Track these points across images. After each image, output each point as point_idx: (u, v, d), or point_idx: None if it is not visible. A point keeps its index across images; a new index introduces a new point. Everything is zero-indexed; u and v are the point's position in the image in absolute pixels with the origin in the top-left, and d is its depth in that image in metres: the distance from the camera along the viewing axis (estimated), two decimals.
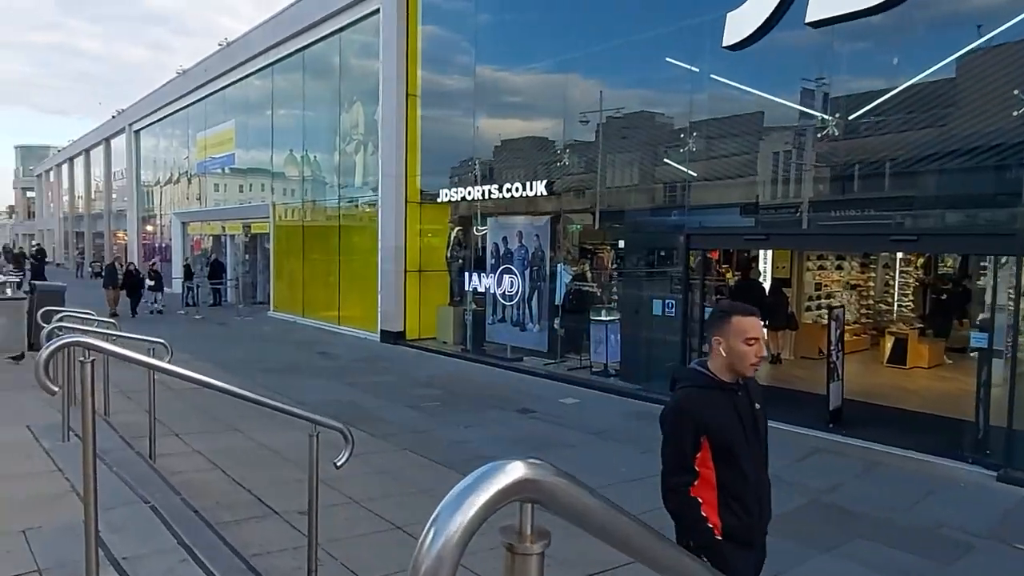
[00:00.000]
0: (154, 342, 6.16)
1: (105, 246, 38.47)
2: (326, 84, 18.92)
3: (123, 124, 32.78)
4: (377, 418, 8.92)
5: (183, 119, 27.23)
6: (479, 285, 13.25)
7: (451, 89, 14.85)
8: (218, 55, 22.92)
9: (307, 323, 18.27)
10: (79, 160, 42.95)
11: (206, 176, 25.62)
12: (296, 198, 19.88)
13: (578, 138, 12.17)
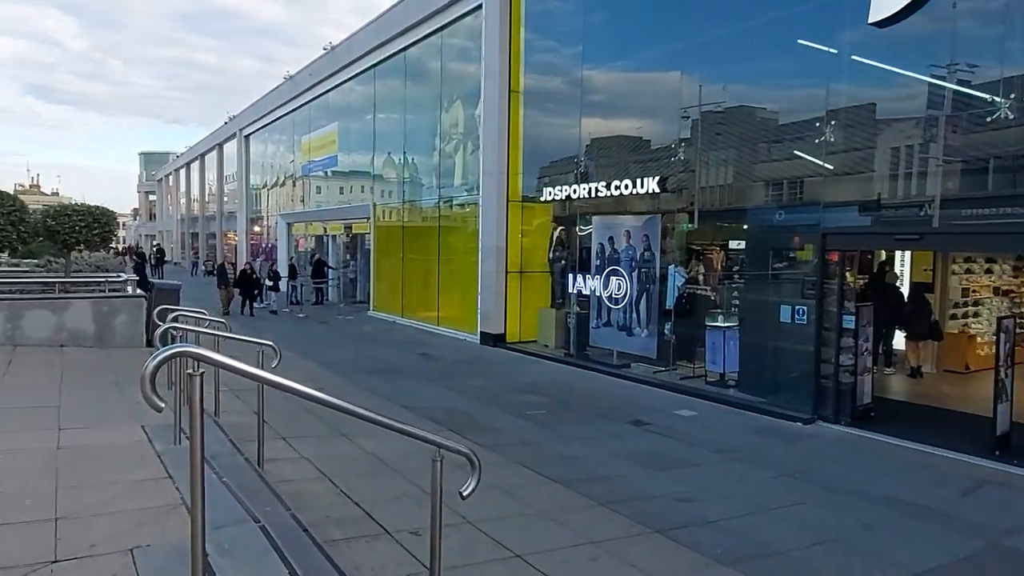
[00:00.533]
0: (262, 344, 5.95)
1: (217, 246, 40.47)
2: (426, 84, 18.88)
3: (234, 129, 34.31)
4: (483, 426, 8.52)
5: (289, 123, 28.11)
6: (583, 287, 12.67)
7: (554, 85, 14.37)
8: (323, 59, 23.43)
9: (406, 323, 18.25)
10: (195, 165, 45.46)
11: (309, 178, 26.32)
12: (396, 199, 19.97)
13: (689, 133, 11.38)
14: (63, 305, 11.56)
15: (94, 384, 8.87)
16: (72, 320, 11.58)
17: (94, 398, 7.91)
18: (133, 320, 12.08)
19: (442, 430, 8.08)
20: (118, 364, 10.53)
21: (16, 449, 5.43)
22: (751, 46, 10.52)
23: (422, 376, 11.92)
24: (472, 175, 16.78)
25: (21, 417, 6.65)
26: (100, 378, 9.38)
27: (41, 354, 10.74)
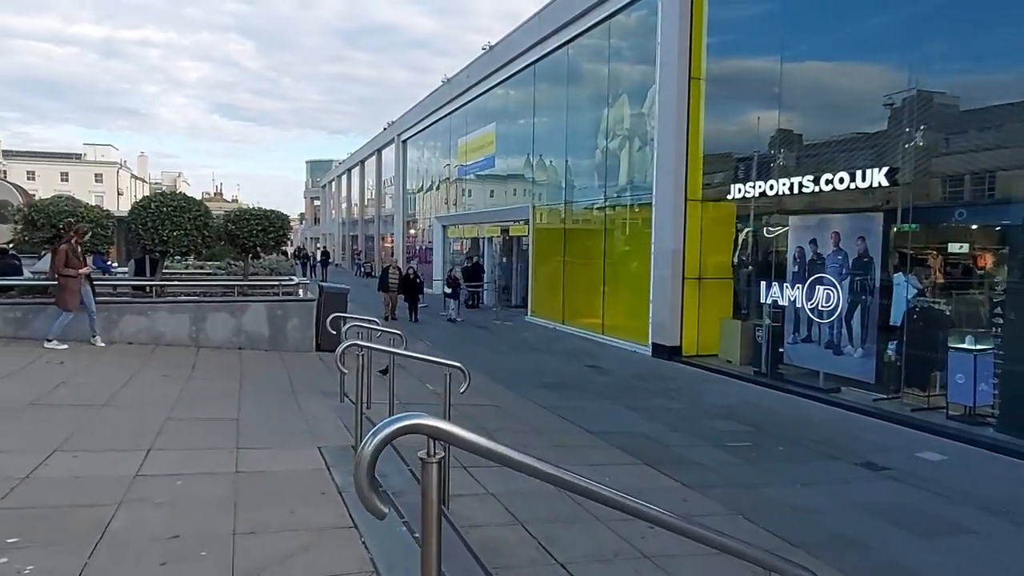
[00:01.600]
0: (451, 366, 5.16)
1: (375, 249, 41.97)
2: (589, 79, 17.90)
3: (392, 135, 35.28)
4: (683, 460, 7.33)
5: (445, 126, 28.26)
6: (780, 296, 11.07)
7: (745, 67, 12.82)
8: (481, 60, 23.16)
9: (568, 330, 17.35)
10: (355, 171, 47.59)
11: (465, 180, 26.22)
12: (556, 199, 19.12)
13: (918, 116, 9.49)
14: (241, 308, 11.70)
15: (270, 392, 8.63)
16: (249, 323, 11.70)
17: (271, 410, 7.58)
18: (304, 324, 12.04)
19: (637, 463, 7.00)
20: (292, 370, 10.40)
21: (197, 474, 4.99)
22: None
23: (597, 392, 10.89)
24: (639, 173, 15.58)
25: (204, 431, 6.34)
26: (275, 385, 9.18)
27: (221, 357, 10.86)
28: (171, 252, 11.55)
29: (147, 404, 7.37)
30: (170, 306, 11.38)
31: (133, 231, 11.55)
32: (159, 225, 11.37)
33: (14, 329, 10.50)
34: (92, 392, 7.68)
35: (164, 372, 9.27)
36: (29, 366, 8.80)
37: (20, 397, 7.09)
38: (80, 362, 9.32)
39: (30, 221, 10.86)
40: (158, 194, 11.77)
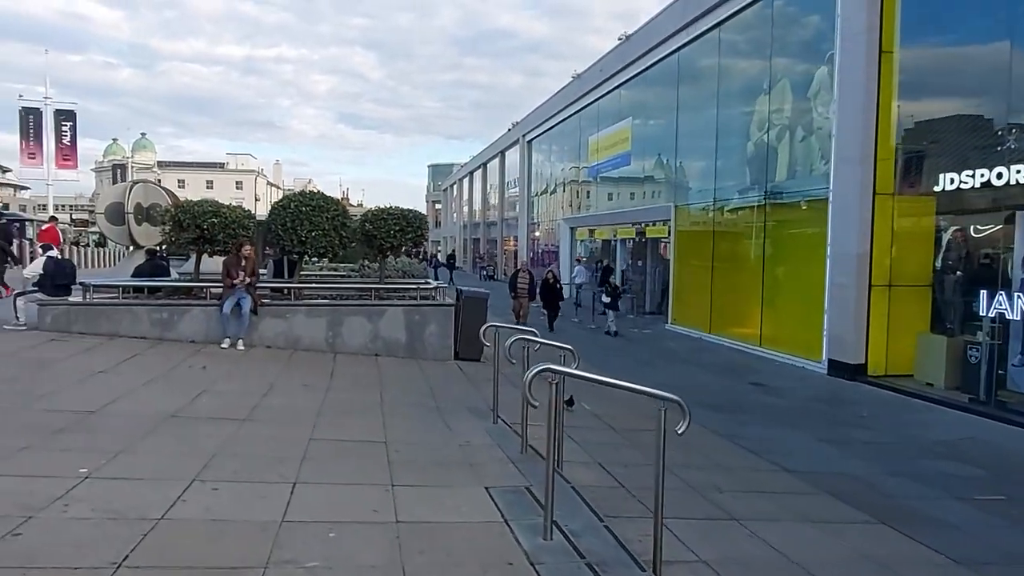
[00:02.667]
0: (664, 398, 3.98)
1: (497, 251, 41.61)
2: (742, 64, 16.23)
3: (517, 136, 34.65)
4: (924, 517, 5.77)
5: (575, 124, 27.18)
6: (1008, 309, 9.08)
7: (960, 38, 10.79)
8: (616, 51, 21.91)
9: (716, 341, 15.74)
10: (477, 173, 47.57)
11: (597, 179, 25.00)
12: (703, 198, 17.50)
13: None
14: (379, 312, 11.10)
15: (414, 409, 7.82)
16: (386, 328, 11.08)
17: (419, 432, 6.74)
18: (442, 331, 11.28)
19: (870, 521, 5.53)
20: (433, 381, 9.62)
21: (352, 522, 4.12)
22: None
23: (773, 417, 9.38)
24: (802, 166, 13.81)
25: (352, 459, 5.53)
26: (418, 400, 8.38)
27: (359, 364, 10.26)
28: (309, 253, 11.13)
29: (289, 419, 6.73)
30: (308, 309, 10.94)
31: (273, 232, 11.23)
32: (297, 225, 10.98)
33: (160, 331, 10.39)
34: (233, 403, 7.15)
35: (304, 381, 8.71)
36: (173, 371, 8.48)
37: (162, 406, 6.62)
38: (221, 367, 8.95)
39: (177, 222, 10.75)
40: (297, 194, 11.43)
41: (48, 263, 10.23)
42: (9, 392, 6.66)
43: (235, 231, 10.88)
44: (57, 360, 8.36)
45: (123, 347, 9.58)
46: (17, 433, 5.41)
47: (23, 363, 8.02)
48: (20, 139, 32.03)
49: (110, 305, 10.38)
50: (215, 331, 10.46)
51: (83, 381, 7.47)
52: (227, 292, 10.24)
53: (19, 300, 10.11)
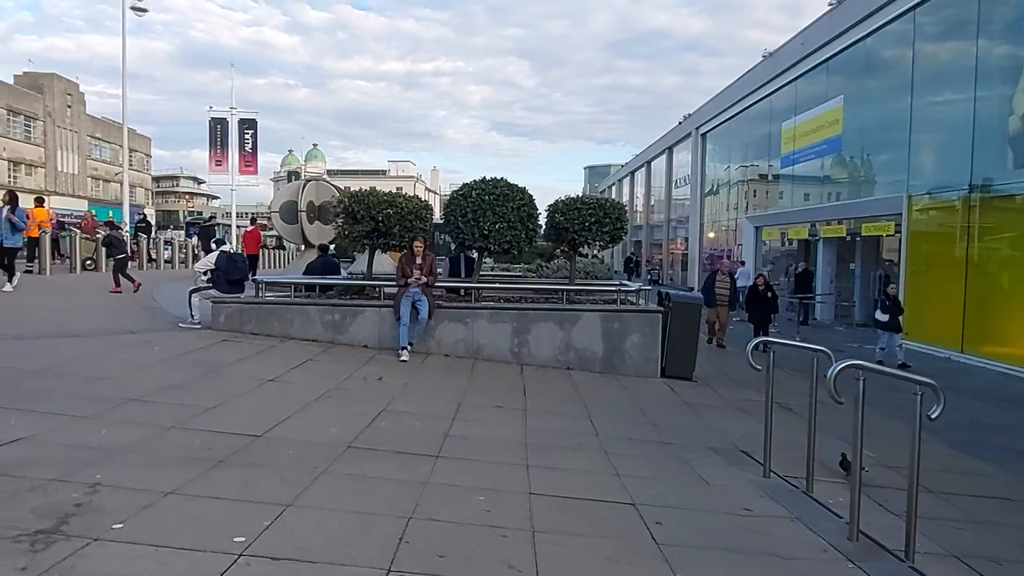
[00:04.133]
0: None
1: (663, 254, 39.04)
2: (1007, 10, 12.92)
3: (689, 129, 32.00)
4: None
5: (763, 110, 24.21)
6: None
7: None
8: (824, 20, 18.90)
9: (974, 362, 12.57)
10: (639, 173, 45.15)
11: (792, 171, 21.95)
12: (951, 186, 14.20)
13: None
14: (571, 318, 9.42)
15: (642, 445, 6.01)
16: (580, 337, 9.37)
17: (666, 482, 4.91)
18: (647, 343, 9.39)
19: None
20: (645, 406, 7.76)
21: None
22: None
23: None
24: None
25: (598, 532, 3.79)
26: (640, 431, 6.56)
27: (551, 380, 8.63)
28: (492, 248, 9.67)
29: (490, 456, 5.14)
30: (491, 313, 9.48)
31: (451, 224, 9.89)
32: (480, 216, 9.54)
33: (332, 333, 9.35)
34: (418, 429, 5.71)
35: (494, 400, 7.17)
36: (346, 382, 7.25)
37: (337, 431, 5.28)
38: (398, 380, 7.62)
39: (350, 213, 9.69)
40: (479, 181, 10.03)
41: (221, 258, 9.52)
42: (172, 404, 5.61)
43: (412, 223, 9.65)
44: (226, 364, 7.40)
45: (295, 351, 8.59)
46: (169, 464, 4.21)
47: (192, 366, 7.11)
48: (209, 147, 34.37)
49: (282, 304, 9.49)
50: (389, 335, 9.27)
51: (251, 392, 6.36)
52: (401, 293, 9.02)
53: (194, 297, 9.47)
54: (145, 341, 8.18)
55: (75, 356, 6.98)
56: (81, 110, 51.57)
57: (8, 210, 11.46)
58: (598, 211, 9.76)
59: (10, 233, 11.49)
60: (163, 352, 7.66)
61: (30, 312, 9.91)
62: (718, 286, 14.20)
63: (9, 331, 8.05)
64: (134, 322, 9.52)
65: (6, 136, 43.94)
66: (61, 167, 48.62)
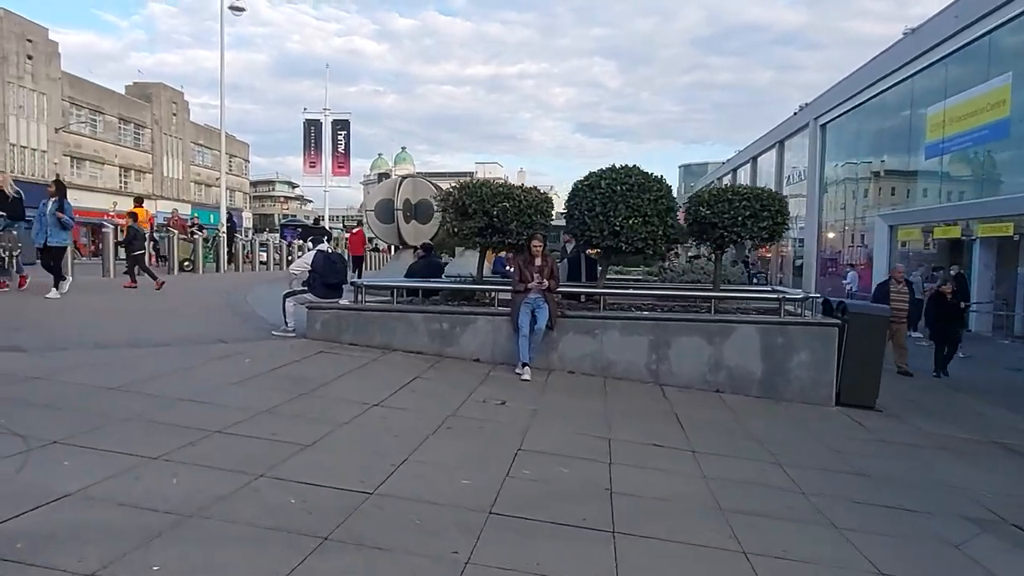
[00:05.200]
0: None
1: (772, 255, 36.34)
2: None
3: (806, 120, 29.37)
4: None
5: (901, 95, 21.58)
6: None
7: None
8: None
9: None
10: (743, 170, 42.44)
11: (941, 161, 19.32)
12: None
13: None
14: (722, 331, 7.84)
15: (877, 514, 4.41)
16: (733, 353, 7.78)
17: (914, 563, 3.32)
18: (818, 362, 7.69)
19: None
20: (837, 445, 6.11)
21: None
22: None
23: None
24: None
25: None
26: (858, 489, 4.93)
27: (704, 407, 7.09)
28: (623, 247, 8.20)
29: (683, 530, 3.71)
30: (623, 324, 8.02)
31: (575, 219, 8.49)
32: (611, 210, 8.11)
33: (439, 345, 8.15)
34: (570, 480, 4.37)
35: (648, 434, 5.72)
36: (464, 407, 5.97)
37: (469, 487, 3.98)
38: (524, 405, 6.29)
39: (460, 207, 8.46)
40: (607, 170, 8.60)
41: (318, 258, 8.49)
42: (262, 438, 4.47)
43: (531, 218, 8.33)
44: (324, 382, 6.28)
45: (399, 366, 7.42)
46: (254, 542, 3.01)
47: (286, 385, 6.02)
48: (303, 150, 34.47)
49: (383, 311, 8.36)
50: (504, 348, 8.00)
51: (355, 421, 5.16)
52: (518, 299, 7.71)
53: (288, 302, 8.47)
54: (235, 352, 7.20)
55: (156, 370, 6.01)
56: (185, 117, 53.48)
57: (55, 204, 9.98)
58: (754, 203, 8.13)
59: (58, 230, 10.01)
60: (254, 366, 6.62)
61: (119, 316, 9.21)
62: (894, 297, 11.13)
63: (91, 338, 7.24)
64: (225, 329, 8.63)
65: (118, 143, 45.90)
66: (167, 172, 50.52)
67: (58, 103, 39.84)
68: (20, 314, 8.60)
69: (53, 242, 10.00)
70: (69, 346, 6.77)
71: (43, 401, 4.80)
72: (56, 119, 39.58)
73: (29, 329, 7.59)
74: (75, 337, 7.23)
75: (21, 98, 36.95)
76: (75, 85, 41.84)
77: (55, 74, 39.61)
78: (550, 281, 7.78)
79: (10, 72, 36.03)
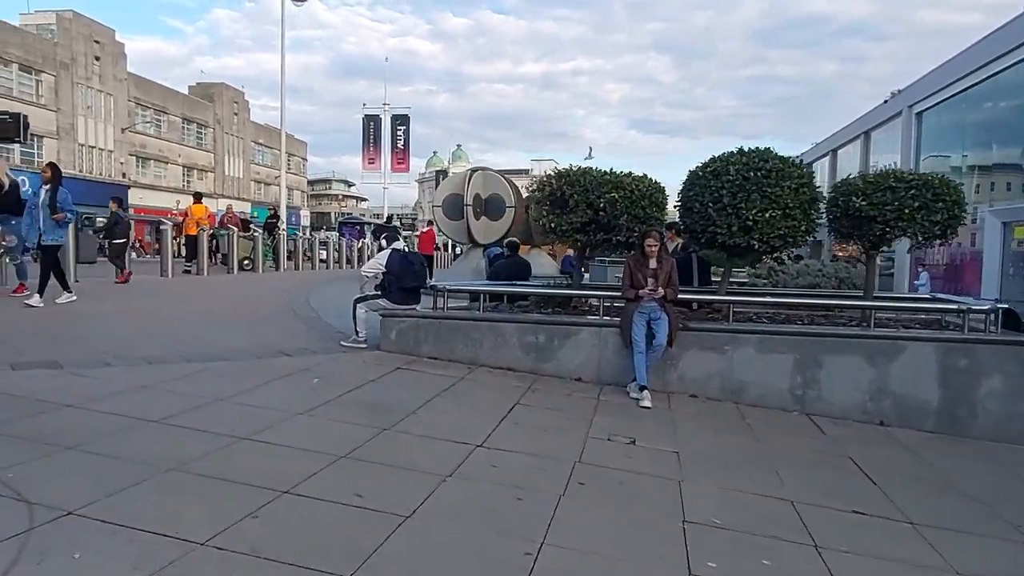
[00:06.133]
0: None
1: None
2: None
3: (898, 108, 27.08)
4: None
5: (1019, 78, 19.37)
6: None
7: None
8: None
9: None
10: (821, 164, 40.01)
11: None
12: None
13: None
14: (886, 350, 6.37)
15: None
16: (900, 377, 6.31)
17: None
18: (1013, 389, 6.14)
19: None
20: None
21: None
22: None
23: None
24: None
25: None
26: None
27: (879, 448, 5.64)
28: (757, 246, 6.79)
29: None
30: (760, 339, 6.62)
31: (696, 212, 7.12)
32: (742, 201, 6.72)
33: (534, 360, 6.92)
34: None
35: (833, 491, 4.35)
36: (589, 450, 4.70)
37: None
38: (656, 443, 5.00)
39: (558, 199, 7.20)
40: (735, 153, 7.21)
41: (394, 259, 7.34)
42: (341, 504, 3.31)
43: (645, 212, 7.02)
44: (408, 410, 5.11)
45: (491, 387, 6.23)
46: None
47: (364, 415, 4.89)
48: (362, 146, 33.77)
49: (469, 320, 7.17)
50: (612, 365, 6.74)
51: (459, 474, 3.95)
52: (630, 309, 6.42)
53: (359, 308, 7.35)
54: (301, 368, 6.11)
55: (210, 394, 4.94)
56: (246, 117, 53.84)
57: (47, 194, 8.51)
58: (924, 191, 6.62)
59: (53, 225, 8.52)
60: (324, 388, 5.50)
61: (174, 322, 8.25)
62: None
63: (141, 350, 6.25)
64: (288, 338, 7.58)
65: (181, 143, 46.36)
66: (228, 171, 50.88)
67: (124, 103, 40.30)
68: (63, 319, 7.72)
69: (47, 240, 8.56)
70: (113, 360, 5.78)
71: (70, 440, 3.74)
72: (122, 119, 40.05)
73: (70, 337, 6.67)
74: (122, 348, 6.26)
75: (89, 99, 37.44)
76: (140, 86, 42.32)
77: (121, 75, 40.07)
78: (667, 289, 6.46)
79: (79, 73, 36.50)
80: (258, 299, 11.27)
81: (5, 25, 33.04)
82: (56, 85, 35.28)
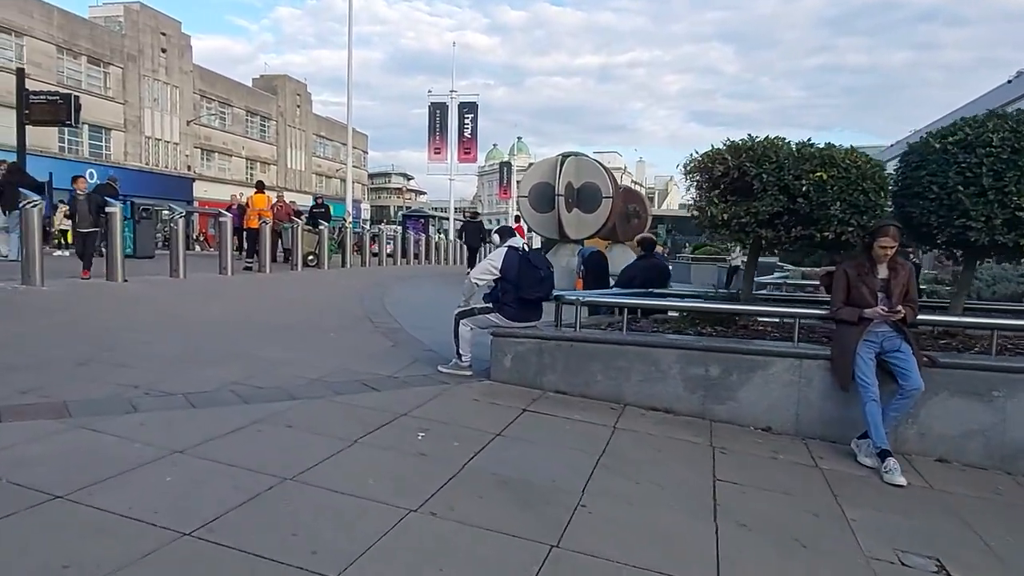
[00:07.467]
0: None
1: None
2: None
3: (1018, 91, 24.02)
4: None
5: None
6: None
7: None
8: None
9: None
10: None
11: None
12: None
13: None
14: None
15: None
16: None
17: None
18: None
19: None
20: None
21: None
22: None
23: None
24: None
25: None
26: None
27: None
28: (1011, 244, 4.73)
29: None
30: None
31: (933, 199, 5.07)
32: (1011, 183, 4.66)
33: (701, 400, 5.08)
34: None
35: None
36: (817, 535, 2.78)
37: None
38: (960, 564, 3.03)
39: (735, 180, 5.26)
40: (991, 116, 5.13)
41: (510, 261, 5.55)
42: None
43: (868, 198, 5.03)
44: (564, 491, 3.33)
45: (662, 446, 4.40)
46: None
47: (502, 500, 3.18)
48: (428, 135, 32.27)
49: (611, 344, 5.31)
50: (818, 411, 4.86)
51: None
52: (852, 335, 4.49)
53: (463, 325, 5.57)
54: (395, 411, 4.38)
55: (275, 464, 3.23)
56: (308, 109, 53.22)
57: None
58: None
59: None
60: (432, 446, 3.77)
61: (228, 338, 6.63)
62: None
63: (183, 378, 4.63)
64: (372, 359, 5.89)
65: (245, 136, 45.90)
66: (291, 164, 50.34)
67: (190, 96, 39.91)
68: (99, 328, 6.19)
69: None
70: (143, 398, 4.16)
71: None
72: (188, 112, 39.66)
73: (99, 362, 5.08)
74: (159, 376, 4.64)
75: (156, 91, 37.09)
76: (205, 78, 41.92)
77: (187, 67, 39.66)
78: (908, 307, 4.48)
79: (145, 66, 36.14)
80: (327, 303, 9.70)
81: (74, 18, 32.81)
82: (123, 77, 34.97)
